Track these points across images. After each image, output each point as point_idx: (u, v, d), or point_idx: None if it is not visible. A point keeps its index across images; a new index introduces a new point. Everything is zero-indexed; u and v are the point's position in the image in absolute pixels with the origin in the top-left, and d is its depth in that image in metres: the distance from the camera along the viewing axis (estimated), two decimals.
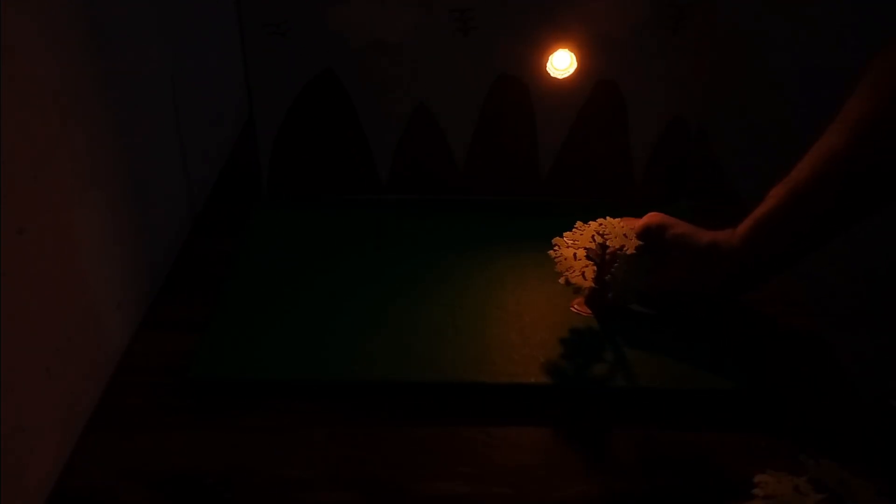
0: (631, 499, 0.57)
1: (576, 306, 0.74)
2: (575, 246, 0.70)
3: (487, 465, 0.59)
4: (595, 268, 0.70)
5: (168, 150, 0.83)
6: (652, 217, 0.73)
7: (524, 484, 0.58)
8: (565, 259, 0.70)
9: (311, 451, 0.60)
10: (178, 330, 0.72)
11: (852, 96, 0.62)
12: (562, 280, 0.69)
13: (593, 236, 0.70)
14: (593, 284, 0.70)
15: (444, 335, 0.70)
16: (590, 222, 0.71)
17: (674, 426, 0.63)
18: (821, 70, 1.19)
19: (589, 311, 0.74)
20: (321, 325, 0.71)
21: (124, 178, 0.71)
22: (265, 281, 0.77)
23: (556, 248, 0.71)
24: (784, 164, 1.25)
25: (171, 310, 0.75)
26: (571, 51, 0.83)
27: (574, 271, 0.69)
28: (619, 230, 0.70)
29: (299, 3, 0.80)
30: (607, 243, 0.70)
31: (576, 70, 0.84)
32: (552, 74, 0.84)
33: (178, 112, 0.84)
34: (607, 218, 0.71)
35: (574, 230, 0.71)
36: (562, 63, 0.84)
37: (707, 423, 0.63)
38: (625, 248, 0.69)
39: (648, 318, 0.73)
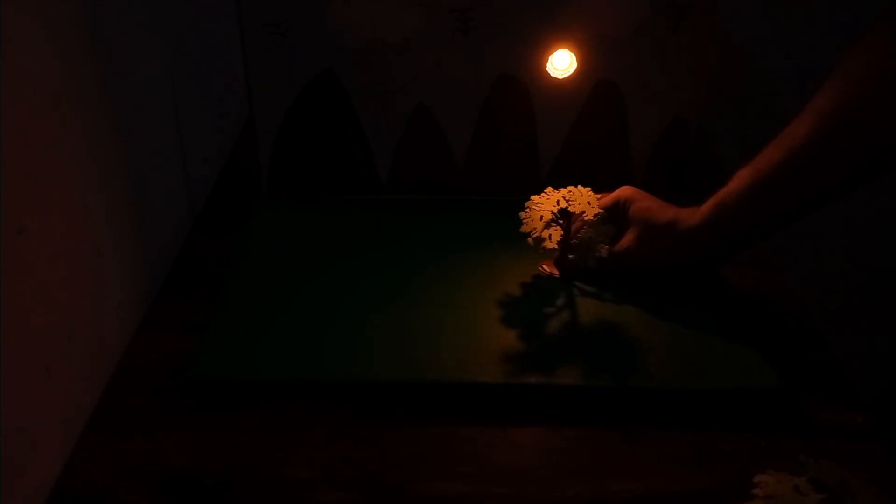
0: (631, 499, 0.57)
1: (545, 267, 0.78)
2: (541, 209, 0.74)
3: (487, 465, 0.59)
4: (561, 231, 0.75)
5: (168, 150, 0.83)
6: (623, 190, 0.76)
7: (524, 484, 0.58)
8: (531, 220, 0.74)
9: (311, 451, 0.60)
10: (178, 330, 0.72)
11: (821, 88, 0.64)
12: (530, 241, 0.74)
13: (558, 200, 0.74)
14: (556, 246, 0.75)
15: (443, 335, 0.70)
16: (560, 188, 0.75)
17: (674, 426, 0.63)
18: (820, 70, 1.19)
19: (556, 272, 0.78)
20: (321, 325, 0.71)
21: (124, 178, 0.71)
22: (265, 281, 0.77)
23: (527, 209, 0.75)
24: None
25: (171, 310, 0.75)
26: (571, 51, 0.83)
27: (537, 231, 0.74)
28: (583, 197, 0.74)
29: (299, 3, 0.80)
30: (570, 209, 0.74)
31: (576, 70, 0.84)
32: (552, 74, 0.84)
33: (178, 112, 0.84)
34: (578, 186, 0.75)
35: (543, 194, 0.75)
36: (562, 63, 0.84)
37: (707, 423, 0.63)
38: (584, 214, 0.73)
39: (645, 314, 0.73)
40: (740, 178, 0.68)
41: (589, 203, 0.74)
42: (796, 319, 0.76)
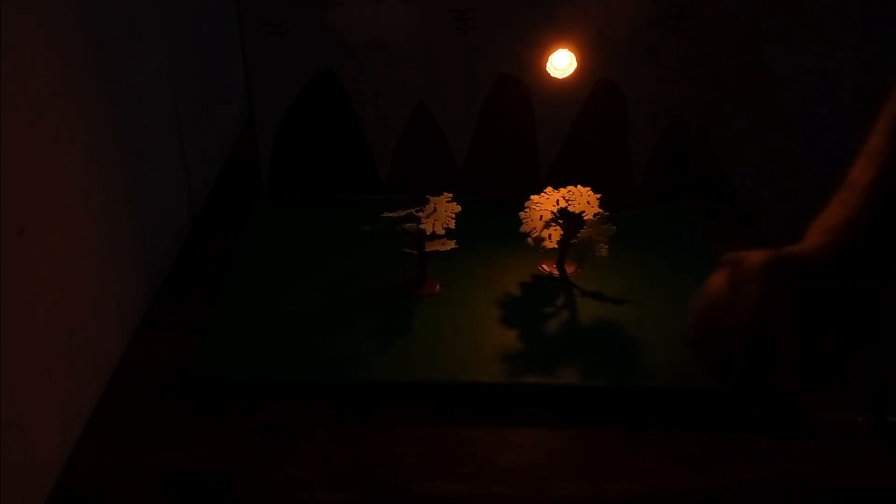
0: (631, 499, 0.57)
1: (545, 267, 0.79)
2: (541, 209, 0.74)
3: (487, 465, 0.59)
4: (561, 230, 0.75)
5: (168, 150, 0.83)
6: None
7: (524, 484, 0.58)
8: (531, 220, 0.74)
9: (311, 451, 0.60)
10: (178, 330, 0.72)
11: None
12: (529, 241, 0.75)
13: (558, 200, 0.74)
14: (556, 246, 0.75)
15: (443, 335, 0.70)
16: (560, 188, 0.75)
17: (674, 426, 0.63)
18: (821, 70, 1.19)
19: (556, 272, 0.78)
20: (321, 325, 0.71)
21: (124, 178, 0.71)
22: (265, 281, 0.77)
23: (527, 209, 0.75)
24: (784, 163, 1.24)
25: (171, 310, 0.75)
26: (571, 51, 0.83)
27: (537, 231, 0.74)
28: (583, 197, 0.74)
29: (299, 3, 0.80)
30: (570, 209, 0.74)
31: (576, 70, 0.84)
32: (552, 74, 0.84)
33: (178, 112, 0.84)
34: (578, 186, 0.75)
35: (543, 194, 0.75)
36: (562, 63, 0.84)
37: (707, 423, 0.63)
38: (584, 214, 0.74)
39: (645, 314, 0.73)
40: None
41: (589, 203, 0.74)
42: None
